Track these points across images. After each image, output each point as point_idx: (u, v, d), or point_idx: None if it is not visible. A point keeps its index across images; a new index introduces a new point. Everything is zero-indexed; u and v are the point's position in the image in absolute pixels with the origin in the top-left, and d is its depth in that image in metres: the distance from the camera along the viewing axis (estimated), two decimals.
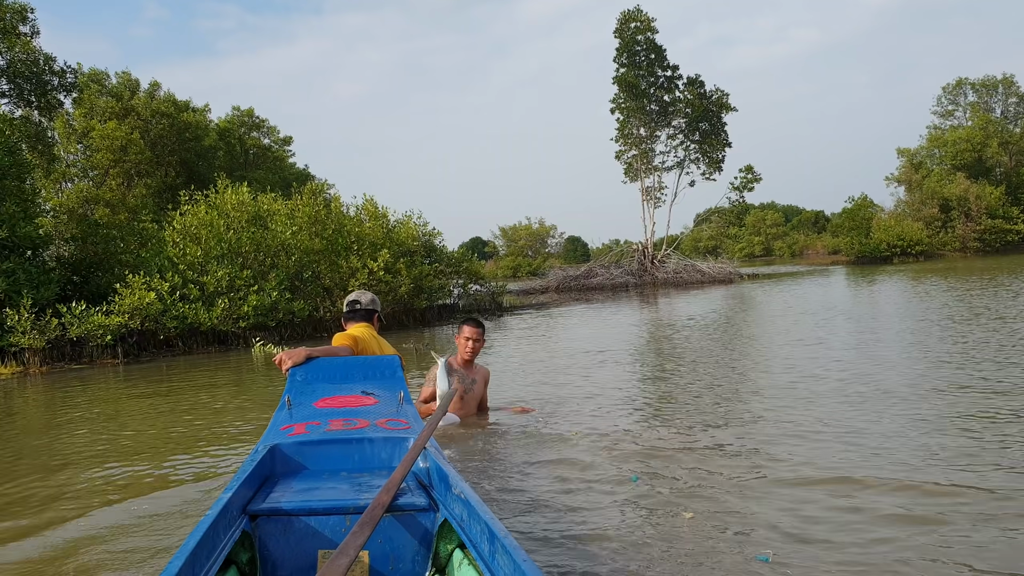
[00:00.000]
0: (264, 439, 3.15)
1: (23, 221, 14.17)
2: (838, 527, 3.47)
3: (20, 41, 18.68)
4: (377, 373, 3.93)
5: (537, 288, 35.33)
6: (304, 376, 3.85)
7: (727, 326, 14.26)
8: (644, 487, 4.16)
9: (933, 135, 54.90)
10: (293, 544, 2.53)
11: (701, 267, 35.12)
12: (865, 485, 4.00)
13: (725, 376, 7.99)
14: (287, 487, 2.77)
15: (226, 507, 2.34)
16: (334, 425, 3.21)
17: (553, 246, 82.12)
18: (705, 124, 37.41)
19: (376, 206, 20.11)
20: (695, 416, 5.99)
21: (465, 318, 6.14)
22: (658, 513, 3.76)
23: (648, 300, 25.26)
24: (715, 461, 4.60)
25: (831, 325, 12.33)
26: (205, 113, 39.35)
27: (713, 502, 3.86)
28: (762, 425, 5.52)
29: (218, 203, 17.57)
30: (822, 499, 3.84)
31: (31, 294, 13.53)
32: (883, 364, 8.00)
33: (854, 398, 6.31)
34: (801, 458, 4.56)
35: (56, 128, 31.13)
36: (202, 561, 2.05)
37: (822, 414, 5.75)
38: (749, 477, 4.26)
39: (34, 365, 13.22)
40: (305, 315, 17.03)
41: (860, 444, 4.83)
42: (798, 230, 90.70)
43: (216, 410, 8.19)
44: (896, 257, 44.47)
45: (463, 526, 2.38)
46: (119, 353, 14.17)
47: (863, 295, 19.40)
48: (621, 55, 37.05)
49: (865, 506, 3.71)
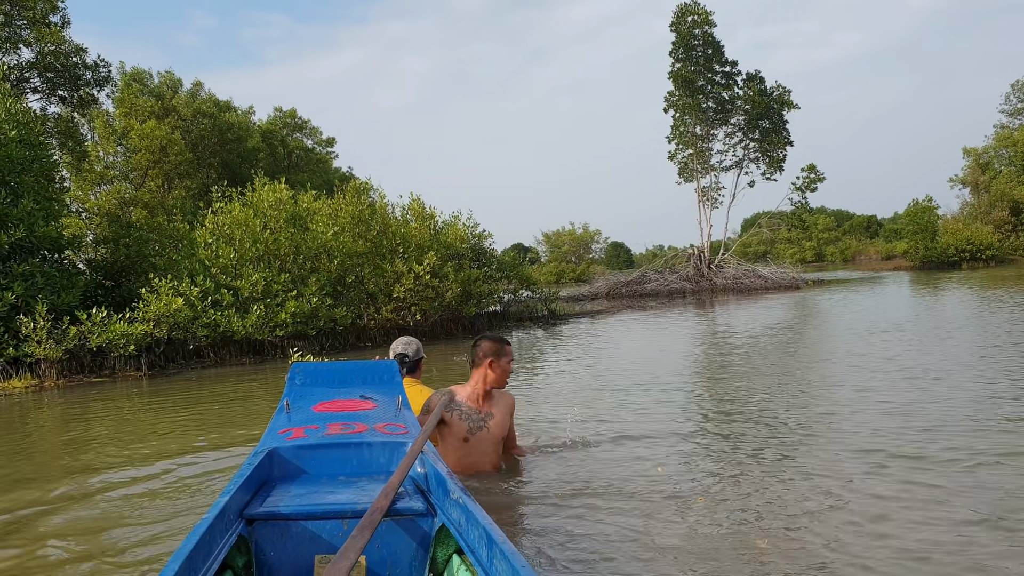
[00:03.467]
0: (262, 443, 3.11)
1: (43, 221, 13.01)
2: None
3: (50, 31, 17.63)
4: (375, 378, 3.90)
5: (586, 294, 33.88)
6: (303, 380, 3.82)
7: (816, 343, 12.56)
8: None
9: (1001, 134, 52.09)
10: (290, 548, 2.52)
11: (763, 272, 33.22)
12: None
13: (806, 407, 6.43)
14: (284, 491, 2.75)
15: (223, 511, 2.32)
16: (332, 429, 3.20)
17: (597, 251, 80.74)
18: (765, 122, 35.53)
19: (423, 206, 18.76)
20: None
21: (492, 336, 4.47)
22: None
23: (708, 308, 23.57)
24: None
25: (942, 349, 10.63)
26: (248, 115, 38.59)
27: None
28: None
29: (254, 201, 16.31)
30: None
31: (49, 300, 12.37)
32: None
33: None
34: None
35: (96, 129, 30.46)
36: (198, 565, 2.03)
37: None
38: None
39: (50, 378, 12.01)
40: (348, 323, 15.70)
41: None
42: (850, 235, 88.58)
43: (249, 427, 6.85)
44: (965, 262, 42.09)
45: (461, 531, 2.36)
46: (143, 365, 12.94)
47: (952, 306, 17.44)
48: (677, 50, 35.35)
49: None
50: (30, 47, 17.77)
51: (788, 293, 28.46)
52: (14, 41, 17.28)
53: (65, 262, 15.11)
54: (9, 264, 12.57)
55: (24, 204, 12.79)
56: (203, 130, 32.73)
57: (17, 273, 12.42)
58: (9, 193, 12.95)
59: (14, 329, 12.09)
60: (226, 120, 34.57)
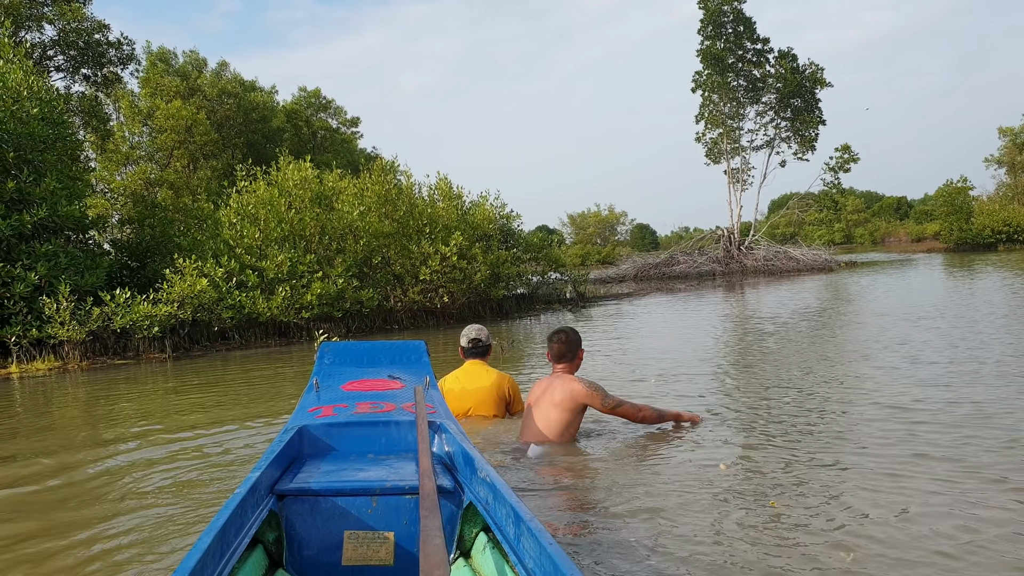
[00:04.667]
0: (292, 420, 3.14)
1: (65, 200, 12.79)
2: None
3: (71, 7, 17.36)
4: (403, 358, 3.96)
5: (613, 276, 33.47)
6: (332, 359, 3.90)
7: (851, 325, 12.08)
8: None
9: None
10: (320, 524, 2.53)
11: (794, 254, 32.56)
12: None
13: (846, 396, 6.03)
14: (314, 468, 2.77)
15: (254, 487, 2.32)
16: (361, 408, 3.23)
17: (622, 233, 79.96)
18: (797, 100, 34.70)
19: (451, 186, 18.38)
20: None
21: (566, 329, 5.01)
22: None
23: (739, 290, 23.06)
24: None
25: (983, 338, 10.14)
26: (272, 94, 38.32)
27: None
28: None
29: (278, 180, 16.00)
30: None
31: (73, 280, 12.15)
32: None
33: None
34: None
35: (122, 109, 30.36)
36: (229, 539, 2.05)
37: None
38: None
39: (73, 360, 11.81)
40: (375, 305, 15.40)
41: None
42: (879, 216, 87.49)
43: (275, 408, 6.58)
44: (1001, 244, 41.11)
45: (488, 509, 2.36)
46: (167, 347, 12.73)
47: (995, 290, 16.80)
48: (706, 27, 34.54)
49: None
50: (53, 24, 17.52)
51: (821, 275, 27.83)
52: (36, 18, 17.04)
53: (90, 242, 14.93)
54: (32, 244, 12.37)
55: (47, 183, 12.56)
56: (228, 110, 32.50)
57: (40, 253, 12.21)
58: (32, 172, 12.74)
59: (37, 310, 11.90)
60: (251, 100, 34.33)
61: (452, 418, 3.24)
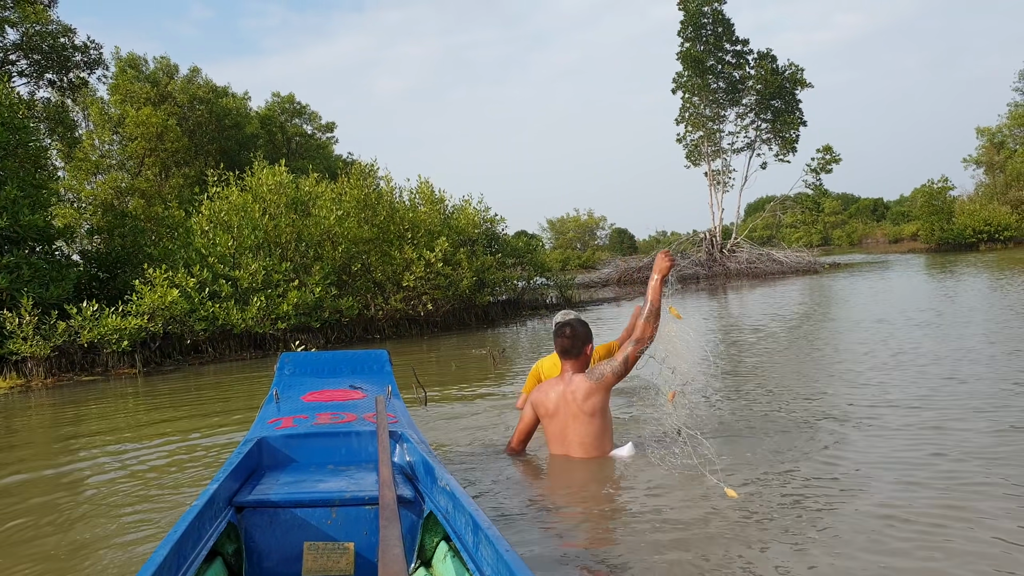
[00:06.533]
0: (251, 432, 3.12)
1: (28, 209, 12.14)
2: None
3: (35, 10, 16.66)
4: (366, 368, 3.95)
5: (596, 281, 33.13)
6: (292, 369, 3.86)
7: (842, 326, 11.69)
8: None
9: (1016, 113, 50.93)
10: (279, 535, 2.50)
11: (778, 256, 32.33)
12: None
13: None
14: (274, 479, 2.74)
15: (212, 499, 2.31)
16: (321, 419, 3.21)
17: (602, 238, 79.76)
18: (778, 102, 34.50)
19: (433, 189, 17.86)
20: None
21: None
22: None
23: (723, 293, 22.70)
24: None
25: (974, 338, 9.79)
26: (245, 100, 37.59)
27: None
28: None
29: (252, 185, 15.39)
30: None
31: (36, 293, 11.52)
32: None
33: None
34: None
35: (91, 116, 29.58)
36: (187, 551, 2.03)
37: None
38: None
39: (38, 377, 11.16)
40: (354, 314, 14.83)
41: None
42: (856, 218, 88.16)
43: (247, 424, 6.06)
44: (983, 243, 41.16)
45: (448, 518, 2.34)
46: (137, 361, 12.10)
47: (974, 289, 16.54)
48: (686, 29, 34.29)
49: None
50: (15, 28, 16.82)
51: (806, 277, 27.58)
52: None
53: (56, 253, 14.26)
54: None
55: (8, 191, 11.91)
56: (200, 116, 31.79)
57: (1, 265, 11.57)
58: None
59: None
60: (223, 106, 33.60)
61: (415, 427, 3.19)
